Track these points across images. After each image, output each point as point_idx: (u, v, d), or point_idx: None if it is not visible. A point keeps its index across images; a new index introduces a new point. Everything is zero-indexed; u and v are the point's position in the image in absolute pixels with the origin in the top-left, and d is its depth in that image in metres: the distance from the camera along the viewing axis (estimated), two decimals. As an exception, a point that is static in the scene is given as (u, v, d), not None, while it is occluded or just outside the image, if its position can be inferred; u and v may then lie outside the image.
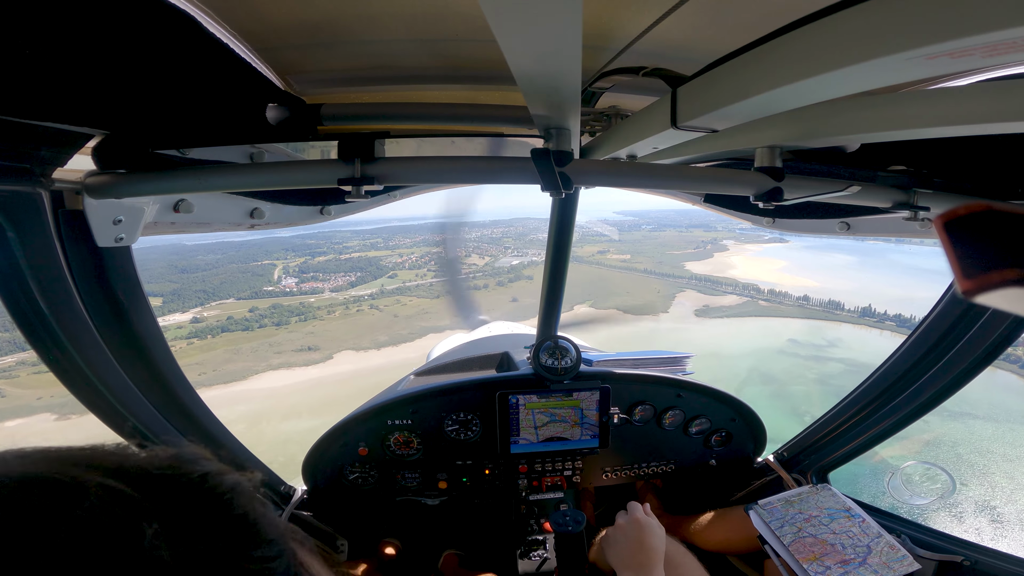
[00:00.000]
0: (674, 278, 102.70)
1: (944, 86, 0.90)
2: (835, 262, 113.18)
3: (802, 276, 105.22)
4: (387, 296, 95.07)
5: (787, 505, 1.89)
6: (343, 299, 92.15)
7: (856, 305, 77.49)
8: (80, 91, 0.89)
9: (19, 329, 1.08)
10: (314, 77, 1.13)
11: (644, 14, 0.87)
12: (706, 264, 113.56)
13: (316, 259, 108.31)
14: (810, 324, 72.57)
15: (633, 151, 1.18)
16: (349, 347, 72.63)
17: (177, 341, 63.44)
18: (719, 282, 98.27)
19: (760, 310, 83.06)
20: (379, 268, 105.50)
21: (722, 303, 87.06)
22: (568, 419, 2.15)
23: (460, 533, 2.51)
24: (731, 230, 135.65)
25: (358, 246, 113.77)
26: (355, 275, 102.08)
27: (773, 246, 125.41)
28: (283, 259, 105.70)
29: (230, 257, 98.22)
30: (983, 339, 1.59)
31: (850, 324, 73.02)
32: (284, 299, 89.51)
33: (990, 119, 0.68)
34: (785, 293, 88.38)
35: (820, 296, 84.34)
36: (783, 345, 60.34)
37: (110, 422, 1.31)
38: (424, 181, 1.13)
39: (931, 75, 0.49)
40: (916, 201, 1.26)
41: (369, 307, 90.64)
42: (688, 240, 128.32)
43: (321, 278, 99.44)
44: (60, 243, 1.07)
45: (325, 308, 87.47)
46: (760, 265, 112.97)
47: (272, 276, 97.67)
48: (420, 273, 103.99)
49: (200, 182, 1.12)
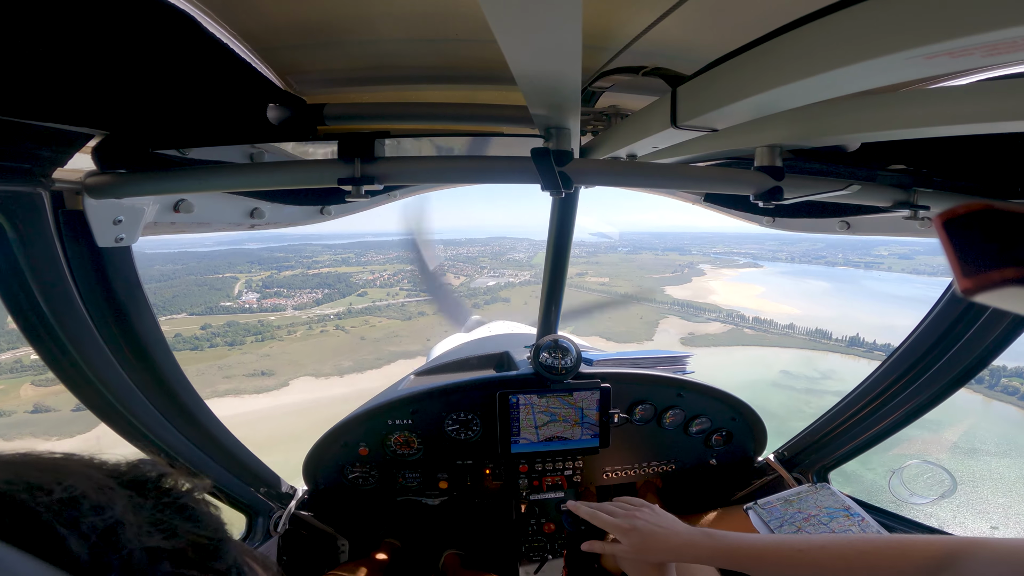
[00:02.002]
0: (656, 303, 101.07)
1: (944, 85, 0.90)
2: (811, 288, 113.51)
3: (782, 303, 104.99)
4: (355, 316, 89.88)
5: (786, 504, 1.89)
6: (306, 318, 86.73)
7: (843, 334, 77.12)
8: (80, 91, 0.89)
9: (19, 328, 1.08)
10: (314, 77, 1.13)
11: (644, 13, 0.87)
12: (686, 289, 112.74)
13: (282, 273, 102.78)
14: (800, 354, 71.87)
15: (633, 151, 1.18)
16: (308, 372, 66.81)
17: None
18: (701, 308, 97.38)
19: (747, 339, 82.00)
20: (349, 285, 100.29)
21: (707, 331, 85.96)
22: (568, 419, 2.15)
23: (461, 533, 2.52)
24: (706, 254, 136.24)
25: (328, 261, 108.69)
26: (322, 292, 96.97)
27: (748, 271, 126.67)
28: (247, 272, 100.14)
29: (189, 268, 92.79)
30: (983, 339, 1.59)
31: (838, 354, 72.42)
32: (241, 316, 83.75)
33: (990, 118, 0.68)
34: (770, 321, 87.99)
35: (804, 324, 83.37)
36: (776, 377, 59.53)
37: (110, 421, 1.31)
38: (424, 181, 1.13)
39: (931, 75, 0.49)
40: (916, 200, 1.26)
41: (335, 327, 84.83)
42: (664, 263, 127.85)
43: (285, 294, 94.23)
44: (60, 243, 1.07)
45: (286, 327, 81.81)
46: (739, 291, 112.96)
47: (232, 290, 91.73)
48: (392, 292, 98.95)
49: (200, 182, 1.12)
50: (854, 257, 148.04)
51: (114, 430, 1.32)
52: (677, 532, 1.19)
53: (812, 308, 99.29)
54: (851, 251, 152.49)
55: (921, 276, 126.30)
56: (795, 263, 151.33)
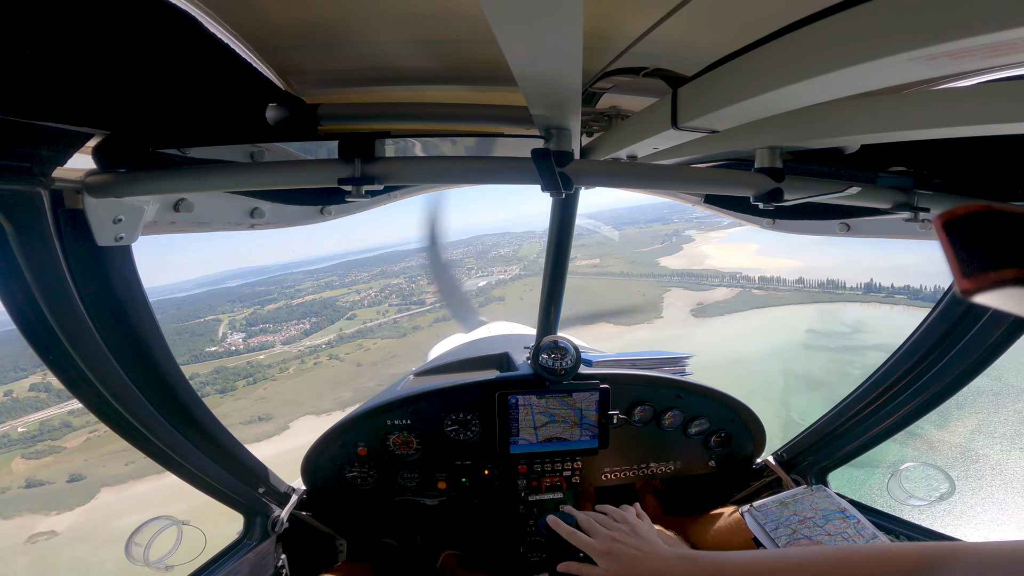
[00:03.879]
0: (655, 277, 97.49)
1: (945, 87, 0.90)
2: (806, 240, 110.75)
3: (782, 258, 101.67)
4: (347, 342, 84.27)
5: (782, 507, 1.88)
6: (297, 351, 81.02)
7: (857, 282, 73.34)
8: (80, 91, 0.89)
9: (19, 328, 1.08)
10: (314, 77, 1.13)
11: (645, 15, 0.87)
12: (679, 258, 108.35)
13: (266, 308, 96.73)
14: (819, 309, 67.73)
15: (633, 151, 1.18)
16: (308, 411, 61.63)
17: (96, 425, 58.35)
18: (702, 275, 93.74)
19: (758, 300, 78.69)
20: (336, 310, 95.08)
21: (715, 298, 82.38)
22: (568, 419, 2.15)
23: (459, 533, 2.51)
24: (688, 219, 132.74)
25: (311, 287, 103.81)
26: (309, 321, 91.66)
27: (735, 231, 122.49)
28: (229, 312, 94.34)
29: (169, 316, 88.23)
30: (983, 339, 1.59)
31: (858, 303, 68.28)
32: (229, 360, 78.34)
33: (991, 120, 0.69)
34: (778, 279, 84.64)
35: (814, 277, 79.98)
36: (805, 338, 55.50)
37: (109, 421, 1.30)
38: (424, 181, 1.13)
39: (932, 76, 0.50)
40: (916, 202, 1.26)
41: (328, 357, 79.27)
42: (651, 235, 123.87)
43: (271, 329, 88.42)
44: (60, 242, 1.07)
45: (277, 365, 75.98)
46: (734, 252, 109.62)
47: (216, 333, 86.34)
48: (382, 310, 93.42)
49: (200, 181, 1.12)
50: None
51: (113, 430, 1.32)
52: (656, 555, 1.17)
53: (814, 259, 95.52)
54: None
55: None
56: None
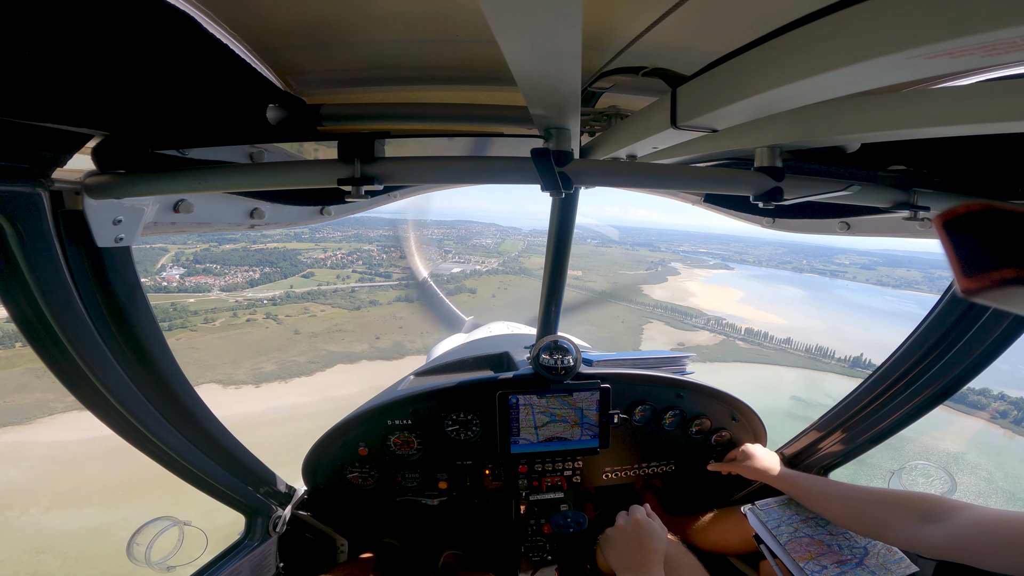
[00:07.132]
0: (637, 304, 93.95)
1: (944, 86, 0.90)
2: (787, 295, 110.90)
3: (764, 310, 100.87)
4: (293, 302, 73.94)
5: (784, 506, 1.89)
6: (234, 302, 70.29)
7: (845, 353, 73.32)
8: (80, 92, 0.89)
9: (18, 328, 1.08)
10: (314, 77, 1.13)
11: (644, 14, 0.87)
12: (664, 289, 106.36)
13: (221, 247, 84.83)
14: (803, 375, 66.84)
15: (633, 151, 1.18)
16: (215, 378, 51.35)
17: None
18: (685, 312, 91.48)
19: (743, 353, 76.26)
20: (295, 264, 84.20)
21: (697, 340, 79.63)
22: (568, 419, 2.15)
23: (460, 533, 2.52)
24: (675, 251, 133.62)
25: (278, 235, 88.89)
26: (260, 271, 79.78)
27: (721, 272, 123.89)
28: (181, 243, 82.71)
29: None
30: (983, 338, 1.59)
31: (844, 376, 66.90)
32: (155, 296, 66.55)
33: (990, 119, 0.69)
34: (765, 334, 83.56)
35: (799, 338, 79.10)
36: (789, 405, 54.72)
37: (109, 422, 1.31)
38: (424, 181, 1.13)
39: (931, 75, 0.49)
40: (916, 201, 1.26)
41: (265, 316, 68.09)
42: (636, 260, 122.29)
43: (217, 271, 76.94)
44: (60, 243, 1.07)
45: (204, 313, 65.90)
46: (718, 295, 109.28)
47: (155, 264, 74.90)
48: (343, 275, 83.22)
49: (200, 182, 1.12)
50: (818, 264, 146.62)
51: (113, 430, 1.32)
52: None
53: (797, 318, 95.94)
54: (814, 257, 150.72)
55: (886, 288, 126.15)
56: (763, 267, 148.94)
